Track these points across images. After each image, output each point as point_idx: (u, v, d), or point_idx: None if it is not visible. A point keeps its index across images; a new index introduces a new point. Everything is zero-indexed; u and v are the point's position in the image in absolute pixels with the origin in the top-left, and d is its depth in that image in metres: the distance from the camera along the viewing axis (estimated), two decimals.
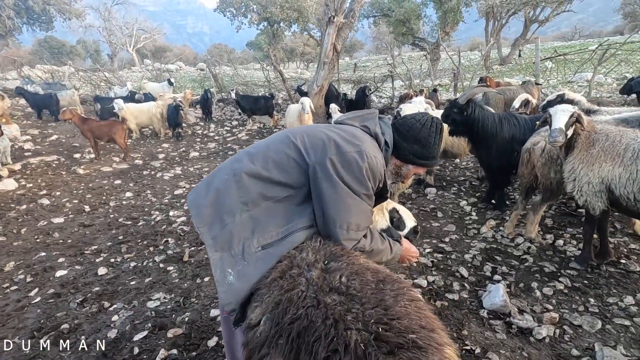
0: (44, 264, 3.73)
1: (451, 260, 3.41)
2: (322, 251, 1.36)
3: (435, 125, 1.76)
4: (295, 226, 1.51)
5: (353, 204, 1.51)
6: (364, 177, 1.51)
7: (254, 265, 1.42)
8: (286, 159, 1.56)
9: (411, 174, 1.87)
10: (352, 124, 1.69)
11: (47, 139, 9.83)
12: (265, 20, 24.89)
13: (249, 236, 1.47)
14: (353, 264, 1.27)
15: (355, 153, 1.51)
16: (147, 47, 45.31)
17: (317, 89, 9.10)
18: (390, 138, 1.72)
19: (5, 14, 23.37)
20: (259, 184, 1.53)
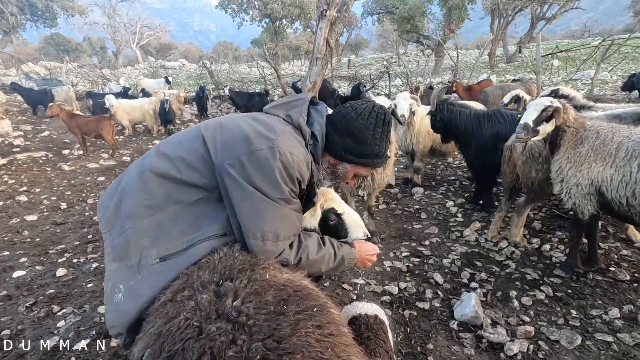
0: (4, 263, 3.58)
1: (428, 265, 3.19)
2: (220, 266, 1.15)
3: (376, 116, 1.46)
4: (202, 235, 1.30)
5: (267, 210, 1.29)
6: (276, 179, 1.28)
7: (147, 282, 1.22)
8: (196, 157, 1.35)
9: (350, 174, 1.58)
10: (276, 113, 1.46)
11: (39, 135, 9.75)
12: (267, 16, 24.73)
13: (148, 245, 1.27)
14: (254, 282, 1.06)
15: (267, 150, 1.29)
16: (152, 45, 45.40)
17: (310, 85, 8.87)
18: (321, 130, 1.46)
19: (8, 11, 23.43)
20: (166, 185, 1.33)
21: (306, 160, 1.38)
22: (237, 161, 1.28)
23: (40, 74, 17.43)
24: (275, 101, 1.57)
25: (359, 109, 1.47)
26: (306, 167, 1.38)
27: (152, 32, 41.91)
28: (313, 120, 1.46)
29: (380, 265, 3.21)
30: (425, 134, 4.80)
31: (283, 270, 1.20)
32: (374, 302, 2.67)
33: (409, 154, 5.11)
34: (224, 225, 1.34)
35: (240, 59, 46.31)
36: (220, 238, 1.32)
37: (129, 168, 1.45)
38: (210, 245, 1.29)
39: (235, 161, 1.28)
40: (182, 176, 1.33)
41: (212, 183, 1.34)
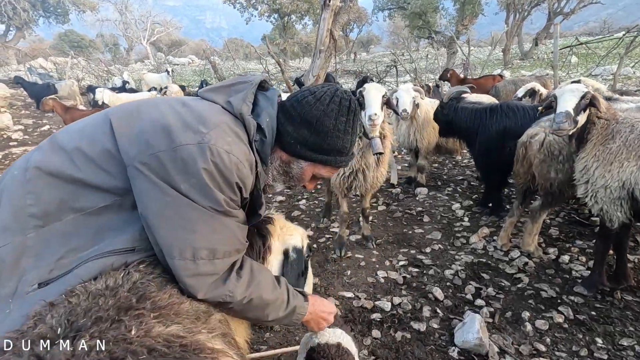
0: None
1: (427, 276, 2.81)
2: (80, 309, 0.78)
3: (339, 101, 1.14)
4: (100, 250, 0.97)
5: (199, 220, 0.97)
6: (206, 185, 0.96)
7: (10, 319, 0.88)
8: (101, 151, 1.01)
9: (307, 174, 1.23)
10: (213, 98, 1.12)
11: (39, 129, 9.64)
12: (276, 12, 24.43)
13: (30, 268, 0.94)
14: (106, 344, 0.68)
15: (195, 146, 0.96)
16: (163, 41, 45.66)
17: (313, 79, 8.53)
18: (271, 123, 1.13)
19: (20, 6, 23.69)
20: (60, 188, 1.00)
21: (249, 160, 1.06)
22: (154, 159, 0.96)
23: (47, 68, 17.48)
24: (215, 84, 1.22)
25: (319, 92, 1.14)
26: (249, 169, 1.06)
27: (163, 29, 42.04)
28: (260, 110, 1.13)
29: (373, 276, 2.84)
30: (431, 129, 4.40)
31: (174, 319, 0.82)
32: (348, 323, 2.31)
33: (413, 151, 4.72)
34: (135, 237, 1.01)
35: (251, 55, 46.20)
36: (125, 254, 0.98)
37: (14, 164, 1.11)
38: (107, 264, 0.95)
39: (151, 159, 0.96)
40: (82, 175, 1.00)
41: (123, 185, 1.01)
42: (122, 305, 0.78)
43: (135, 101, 1.16)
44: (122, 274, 0.91)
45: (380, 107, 2.50)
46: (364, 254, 3.17)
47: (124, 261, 0.97)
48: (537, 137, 2.66)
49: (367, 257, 3.13)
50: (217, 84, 1.20)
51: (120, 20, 38.39)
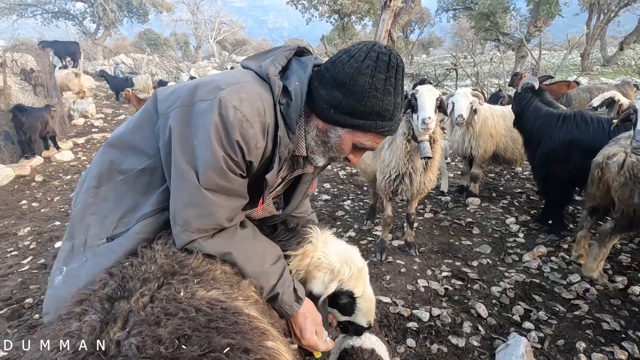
0: (52, 233, 3.82)
1: (472, 291, 2.67)
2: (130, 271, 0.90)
3: (376, 57, 1.01)
4: (145, 211, 1.07)
5: (183, 188, 1.00)
6: (209, 137, 0.95)
7: (90, 264, 1.03)
8: (143, 114, 1.13)
9: (346, 143, 1.10)
10: (249, 64, 1.13)
11: (116, 118, 10.70)
12: (336, 12, 24.56)
13: (94, 223, 1.08)
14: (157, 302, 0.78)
15: (208, 102, 0.97)
16: (228, 40, 48.17)
17: None
18: (301, 87, 1.05)
19: (109, 8, 26.45)
20: (112, 152, 1.13)
21: (261, 121, 1.01)
22: (176, 111, 1.01)
23: (127, 64, 19.33)
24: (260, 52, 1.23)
25: (353, 50, 1.04)
26: (258, 130, 1.01)
27: (229, 29, 44.31)
28: (290, 73, 1.08)
29: (413, 284, 2.77)
30: (488, 137, 4.16)
31: (214, 284, 0.89)
32: (383, 330, 2.27)
33: (467, 159, 4.49)
34: (165, 198, 1.07)
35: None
36: (163, 212, 1.07)
37: None
38: (151, 224, 1.06)
39: (174, 112, 1.02)
40: (126, 136, 1.13)
41: (156, 146, 1.09)
42: (167, 270, 0.87)
43: None
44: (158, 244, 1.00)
45: (434, 110, 2.42)
46: (406, 261, 3.10)
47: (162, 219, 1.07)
48: (615, 157, 2.38)
49: (408, 264, 3.05)
50: (262, 52, 1.21)
51: (192, 20, 41.15)
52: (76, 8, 28.14)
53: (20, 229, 3.91)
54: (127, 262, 0.95)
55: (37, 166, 6.24)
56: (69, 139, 7.96)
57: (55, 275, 1.08)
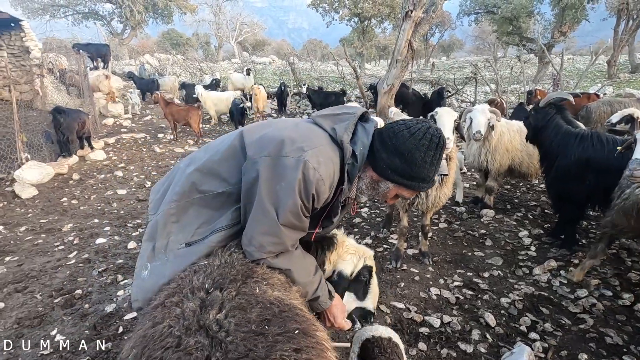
0: (92, 229, 4.17)
1: (482, 301, 2.84)
2: (215, 273, 1.14)
3: (430, 138, 1.33)
4: (220, 224, 1.34)
5: (265, 222, 1.27)
6: (293, 189, 1.24)
7: (171, 264, 1.29)
8: (228, 148, 1.38)
9: (392, 193, 1.46)
10: (322, 124, 1.40)
11: (143, 119, 11.19)
12: (356, 16, 24.73)
13: (175, 231, 1.35)
14: (242, 295, 1.04)
15: (294, 160, 1.25)
16: (248, 41, 48.95)
17: (386, 88, 8.62)
18: (364, 150, 1.37)
19: (136, 9, 27.37)
20: (195, 174, 1.39)
21: (330, 181, 1.32)
22: (265, 160, 1.28)
23: (152, 64, 19.99)
24: (325, 109, 1.51)
25: (413, 128, 1.35)
26: (327, 186, 1.32)
27: (250, 29, 45.02)
28: (357, 139, 1.38)
29: (425, 292, 2.95)
30: (504, 151, 4.28)
31: (275, 287, 1.15)
32: (405, 331, 2.47)
33: (482, 172, 4.62)
34: (237, 215, 1.37)
35: (328, 57, 47.24)
36: (234, 227, 1.35)
37: (183, 159, 1.54)
38: (226, 234, 1.33)
39: (263, 159, 1.29)
40: (211, 165, 1.38)
41: (237, 177, 1.36)
42: (244, 273, 1.13)
43: (267, 121, 1.53)
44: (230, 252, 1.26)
45: (452, 132, 2.61)
46: (419, 269, 3.28)
47: (232, 232, 1.34)
48: None
49: (421, 272, 3.24)
50: (327, 110, 1.49)
51: (214, 21, 42.03)
52: (105, 9, 29.23)
53: (64, 225, 4.27)
54: (208, 262, 1.21)
55: (73, 165, 6.68)
56: (100, 138, 8.42)
57: (142, 270, 1.34)
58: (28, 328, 2.54)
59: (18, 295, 2.92)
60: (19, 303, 2.82)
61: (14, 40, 11.09)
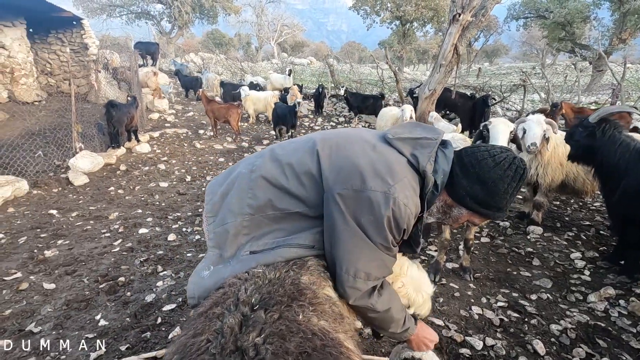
0: (136, 219, 4.34)
1: (529, 325, 2.64)
2: (265, 289, 1.09)
3: (516, 169, 1.29)
4: (292, 240, 1.31)
5: (365, 250, 1.24)
6: (383, 226, 1.21)
7: (232, 267, 1.29)
8: (305, 171, 1.34)
9: (464, 219, 1.43)
10: (401, 149, 1.34)
11: (185, 115, 11.62)
12: (398, 19, 24.36)
13: (245, 242, 1.35)
14: (284, 320, 0.97)
15: (381, 195, 1.21)
16: (288, 42, 49.69)
17: (428, 93, 8.37)
18: (444, 179, 1.34)
19: (184, 9, 28.61)
20: (271, 190, 1.36)
21: (416, 211, 1.31)
22: (348, 193, 1.25)
23: (196, 62, 20.77)
24: (402, 127, 1.43)
25: (498, 157, 1.30)
26: (414, 218, 1.31)
27: (290, 31, 45.71)
28: (439, 167, 1.34)
29: (467, 310, 2.80)
30: (557, 165, 3.99)
31: (323, 315, 1.08)
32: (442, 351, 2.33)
33: (531, 185, 4.34)
34: (315, 239, 1.34)
35: (366, 59, 46.93)
36: (308, 249, 1.32)
37: (241, 162, 1.52)
38: (296, 252, 1.30)
39: (346, 192, 1.25)
40: (288, 185, 1.34)
41: (314, 201, 1.33)
42: (290, 295, 1.07)
43: (335, 133, 1.45)
44: (287, 269, 1.21)
45: (507, 143, 2.45)
46: (460, 285, 3.12)
47: (304, 254, 1.31)
48: None
49: (462, 288, 3.07)
50: (405, 130, 1.40)
51: (256, 22, 43.08)
52: (156, 9, 30.77)
53: (111, 213, 4.49)
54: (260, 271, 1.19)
55: (121, 156, 7.03)
56: (146, 132, 8.82)
57: (203, 270, 1.35)
58: (75, 310, 2.67)
59: (68, 278, 3.08)
60: (68, 285, 2.97)
61: (75, 37, 11.91)
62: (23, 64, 10.54)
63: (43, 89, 11.60)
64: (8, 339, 2.36)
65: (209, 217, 1.45)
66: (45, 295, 2.85)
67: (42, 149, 6.38)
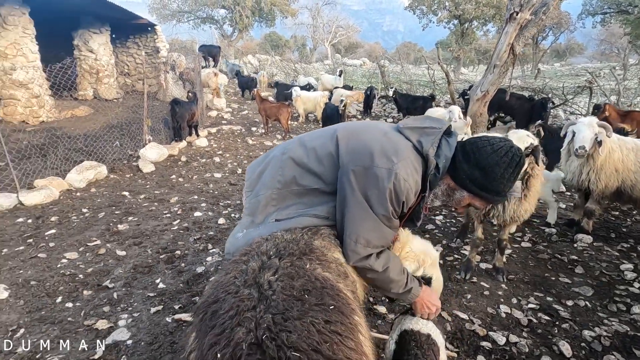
0: (192, 204, 4.87)
1: (559, 329, 2.60)
2: (282, 245, 1.35)
3: (512, 156, 1.45)
4: (310, 211, 1.56)
5: (368, 220, 1.45)
6: (385, 198, 1.42)
7: (260, 231, 1.55)
8: (325, 153, 1.58)
9: (465, 202, 1.59)
10: (409, 135, 1.54)
11: (240, 113, 12.39)
12: (456, 18, 23.47)
13: (272, 211, 1.61)
14: (294, 266, 1.21)
15: (385, 171, 1.42)
16: (342, 43, 50.07)
17: (480, 95, 8.11)
18: (446, 162, 1.51)
19: (244, 13, 30.22)
20: (296, 169, 1.62)
21: (416, 189, 1.49)
22: (359, 170, 1.46)
23: (253, 64, 21.88)
24: (414, 120, 1.64)
25: (496, 145, 1.47)
26: (413, 194, 1.49)
27: (344, 32, 46.05)
28: (441, 153, 1.51)
29: (494, 308, 2.82)
30: (612, 171, 3.76)
31: (328, 269, 1.29)
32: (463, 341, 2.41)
33: (582, 192, 4.13)
34: (329, 211, 1.57)
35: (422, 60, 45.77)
36: (322, 219, 1.56)
37: (276, 147, 1.81)
38: (312, 221, 1.54)
39: (358, 169, 1.47)
40: (310, 165, 1.60)
41: (330, 179, 1.57)
42: (302, 251, 1.31)
43: (355, 124, 1.69)
44: (302, 233, 1.44)
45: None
46: (491, 285, 3.12)
47: (319, 223, 1.55)
48: None
49: (493, 288, 3.08)
50: (415, 122, 1.62)
51: (312, 24, 44.03)
52: (219, 14, 32.85)
53: (171, 197, 5.07)
54: (280, 234, 1.44)
55: (182, 148, 7.78)
56: (205, 128, 9.60)
57: (238, 232, 1.65)
58: (140, 274, 3.15)
59: (135, 248, 3.61)
60: (136, 254, 3.49)
61: (149, 42, 13.27)
62: (106, 65, 12.00)
63: (121, 87, 13.09)
64: (89, 290, 2.89)
65: (247, 192, 1.74)
66: (117, 259, 3.38)
67: (119, 139, 7.30)
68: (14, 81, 8.38)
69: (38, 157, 6.07)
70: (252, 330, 0.98)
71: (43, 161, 5.85)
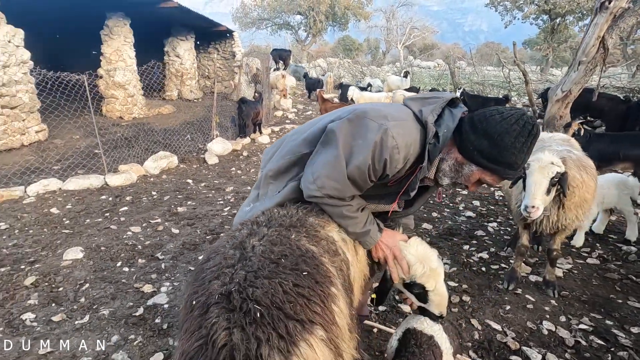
0: (245, 194, 5.20)
1: (614, 356, 2.25)
2: (274, 216, 1.43)
3: (523, 124, 1.31)
4: (297, 177, 1.59)
5: (336, 169, 1.41)
6: (368, 150, 1.37)
7: (263, 204, 1.65)
8: (322, 123, 1.61)
9: (475, 177, 1.45)
10: (410, 105, 1.51)
11: (304, 114, 12.81)
12: (546, 13, 21.23)
13: (270, 188, 1.70)
14: (279, 235, 1.29)
15: (377, 125, 1.39)
16: (417, 45, 48.57)
17: (561, 95, 7.25)
18: (447, 132, 1.41)
19: (318, 18, 31.10)
20: (296, 140, 1.68)
21: (406, 152, 1.40)
22: (352, 118, 1.44)
23: (322, 67, 22.40)
24: (420, 94, 1.61)
25: (506, 113, 1.35)
26: (402, 157, 1.40)
27: (419, 33, 44.64)
28: (442, 122, 1.43)
29: (535, 323, 2.54)
30: None
31: (314, 243, 1.32)
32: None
33: None
34: None
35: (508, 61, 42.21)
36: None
37: (292, 131, 1.89)
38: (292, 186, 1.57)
39: (352, 117, 1.45)
40: (307, 133, 1.63)
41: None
42: (292, 223, 1.38)
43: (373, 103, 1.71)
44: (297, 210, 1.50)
45: None
46: (537, 298, 2.81)
47: None
48: None
49: (539, 302, 2.77)
50: (419, 95, 1.60)
51: (385, 26, 43.52)
52: (295, 20, 34.33)
53: (227, 187, 5.48)
54: (276, 209, 1.52)
55: (245, 144, 8.33)
56: (269, 126, 10.13)
57: (245, 206, 1.76)
58: (187, 250, 3.49)
59: (187, 228, 4.00)
60: (187, 233, 3.87)
61: (227, 47, 14.44)
62: (190, 69, 13.38)
63: (201, 89, 14.46)
64: (143, 259, 3.29)
65: (260, 170, 1.84)
66: (171, 236, 3.79)
67: (191, 134, 8.09)
68: (115, 82, 9.81)
69: (126, 147, 7.04)
70: (226, 283, 1.09)
71: (128, 150, 6.76)
